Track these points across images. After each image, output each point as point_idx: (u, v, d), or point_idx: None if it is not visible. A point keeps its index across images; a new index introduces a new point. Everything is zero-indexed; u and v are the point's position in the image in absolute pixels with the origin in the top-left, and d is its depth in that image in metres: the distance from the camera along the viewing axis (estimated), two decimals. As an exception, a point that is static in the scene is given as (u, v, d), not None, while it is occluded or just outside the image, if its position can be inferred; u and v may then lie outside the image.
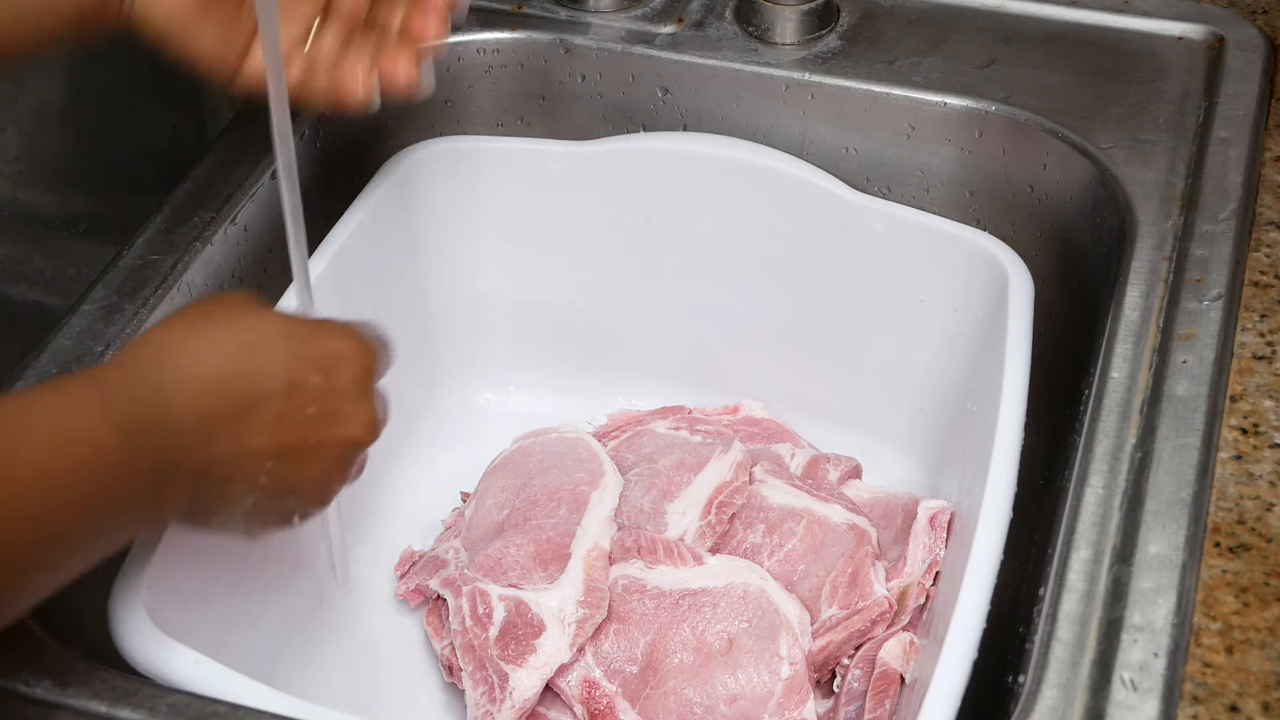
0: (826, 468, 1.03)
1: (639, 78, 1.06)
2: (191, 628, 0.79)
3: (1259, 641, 0.69)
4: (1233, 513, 0.74)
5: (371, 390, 0.73)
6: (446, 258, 1.08)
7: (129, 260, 0.91)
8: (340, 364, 0.71)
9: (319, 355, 0.70)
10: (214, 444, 0.66)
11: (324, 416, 0.70)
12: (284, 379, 0.68)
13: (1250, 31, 1.03)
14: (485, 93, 1.09)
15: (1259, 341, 0.83)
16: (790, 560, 0.95)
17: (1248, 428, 0.78)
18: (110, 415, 0.62)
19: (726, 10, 1.07)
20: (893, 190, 1.04)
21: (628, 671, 0.90)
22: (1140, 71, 1.01)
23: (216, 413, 0.66)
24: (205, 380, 0.66)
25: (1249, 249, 0.88)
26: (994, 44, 1.04)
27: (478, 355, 1.13)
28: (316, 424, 0.70)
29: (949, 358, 1.01)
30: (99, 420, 0.62)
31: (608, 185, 1.06)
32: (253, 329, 0.69)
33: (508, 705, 0.88)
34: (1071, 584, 0.72)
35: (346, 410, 0.71)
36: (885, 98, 1.01)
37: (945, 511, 0.94)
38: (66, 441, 0.61)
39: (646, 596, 0.92)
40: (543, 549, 0.94)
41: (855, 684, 0.89)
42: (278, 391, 0.68)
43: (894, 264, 1.01)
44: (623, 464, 1.01)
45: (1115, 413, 0.80)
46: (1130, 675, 0.68)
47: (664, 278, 1.09)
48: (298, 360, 0.69)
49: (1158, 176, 0.93)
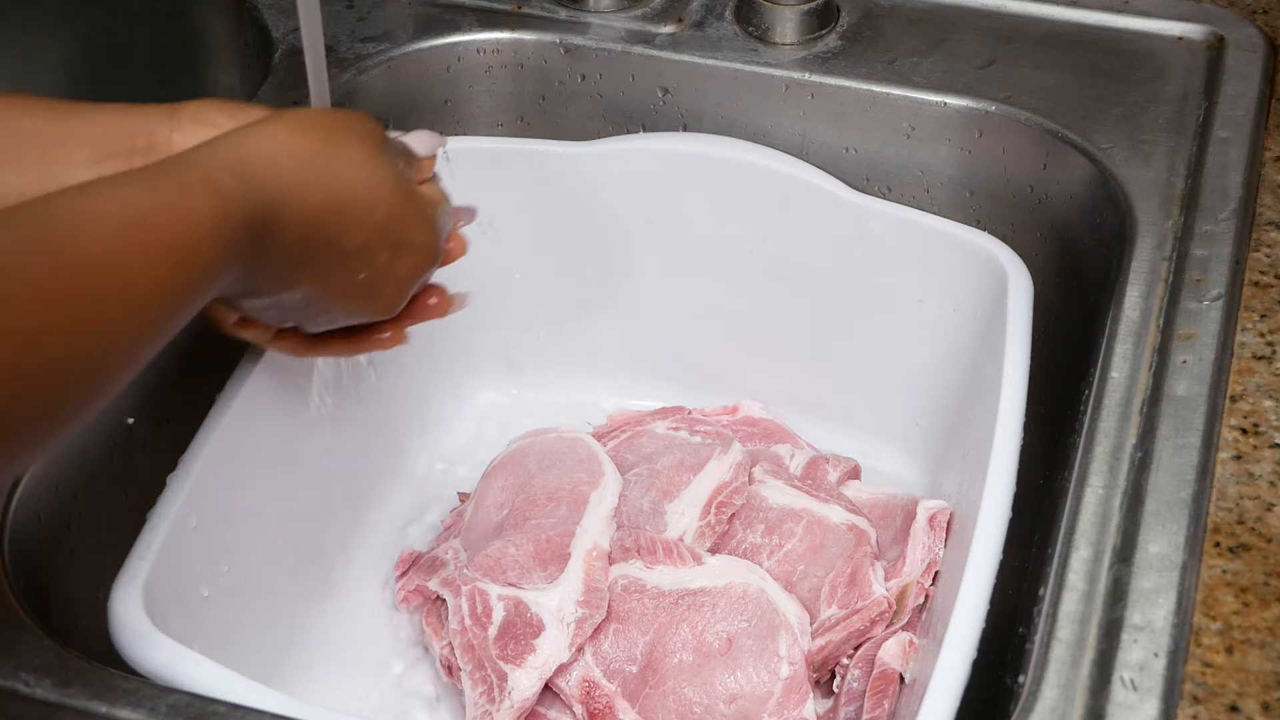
0: (826, 468, 1.03)
1: (639, 78, 1.06)
2: (191, 627, 0.79)
3: (1259, 641, 0.69)
4: (1233, 513, 0.74)
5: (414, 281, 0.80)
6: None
7: (129, 260, 0.91)
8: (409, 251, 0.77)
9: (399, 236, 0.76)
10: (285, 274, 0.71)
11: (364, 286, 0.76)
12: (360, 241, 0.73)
13: (1250, 31, 1.03)
14: (485, 93, 1.09)
15: (1259, 341, 0.83)
16: (789, 560, 0.95)
17: (1248, 428, 0.78)
18: (224, 230, 0.64)
19: (726, 10, 1.07)
20: (893, 190, 1.04)
21: (627, 671, 0.90)
22: (1140, 71, 1.01)
23: (293, 243, 0.70)
24: (305, 216, 0.69)
25: (1249, 249, 0.88)
26: (994, 44, 1.04)
27: (477, 355, 1.13)
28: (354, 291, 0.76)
29: (948, 358, 1.01)
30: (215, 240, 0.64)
31: (608, 185, 1.05)
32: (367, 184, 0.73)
33: (507, 705, 0.88)
34: (1071, 584, 0.72)
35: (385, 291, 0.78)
36: (885, 98, 1.01)
37: (944, 512, 0.94)
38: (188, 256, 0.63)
39: (646, 596, 0.92)
40: (542, 549, 0.94)
41: (854, 684, 0.89)
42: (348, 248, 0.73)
43: (894, 264, 1.01)
44: (622, 464, 1.01)
45: (1115, 413, 0.80)
46: (1130, 675, 0.68)
47: (664, 278, 1.09)
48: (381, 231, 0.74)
49: (1158, 176, 0.93)
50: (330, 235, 0.72)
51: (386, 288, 0.78)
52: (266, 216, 0.67)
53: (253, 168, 0.67)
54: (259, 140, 0.69)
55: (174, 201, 0.63)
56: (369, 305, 0.79)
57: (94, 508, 0.85)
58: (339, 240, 0.72)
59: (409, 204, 0.76)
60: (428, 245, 0.79)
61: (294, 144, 0.70)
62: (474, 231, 1.08)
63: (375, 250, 0.74)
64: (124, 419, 0.87)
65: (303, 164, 0.70)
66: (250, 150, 0.68)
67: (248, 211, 0.66)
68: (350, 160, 0.72)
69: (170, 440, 0.89)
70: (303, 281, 0.73)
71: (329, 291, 0.75)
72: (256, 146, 0.69)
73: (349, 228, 0.72)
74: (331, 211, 0.71)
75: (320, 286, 0.74)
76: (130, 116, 0.77)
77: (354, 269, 0.74)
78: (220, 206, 0.64)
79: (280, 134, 0.70)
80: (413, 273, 0.79)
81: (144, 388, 0.88)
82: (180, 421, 0.90)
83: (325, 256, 0.72)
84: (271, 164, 0.68)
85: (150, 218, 0.62)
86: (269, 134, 0.70)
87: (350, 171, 0.72)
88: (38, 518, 0.81)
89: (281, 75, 1.03)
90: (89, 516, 0.84)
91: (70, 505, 0.83)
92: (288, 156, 0.69)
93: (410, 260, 0.78)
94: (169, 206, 0.63)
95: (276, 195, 0.68)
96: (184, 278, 0.63)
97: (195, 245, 0.63)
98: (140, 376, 0.86)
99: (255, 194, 0.66)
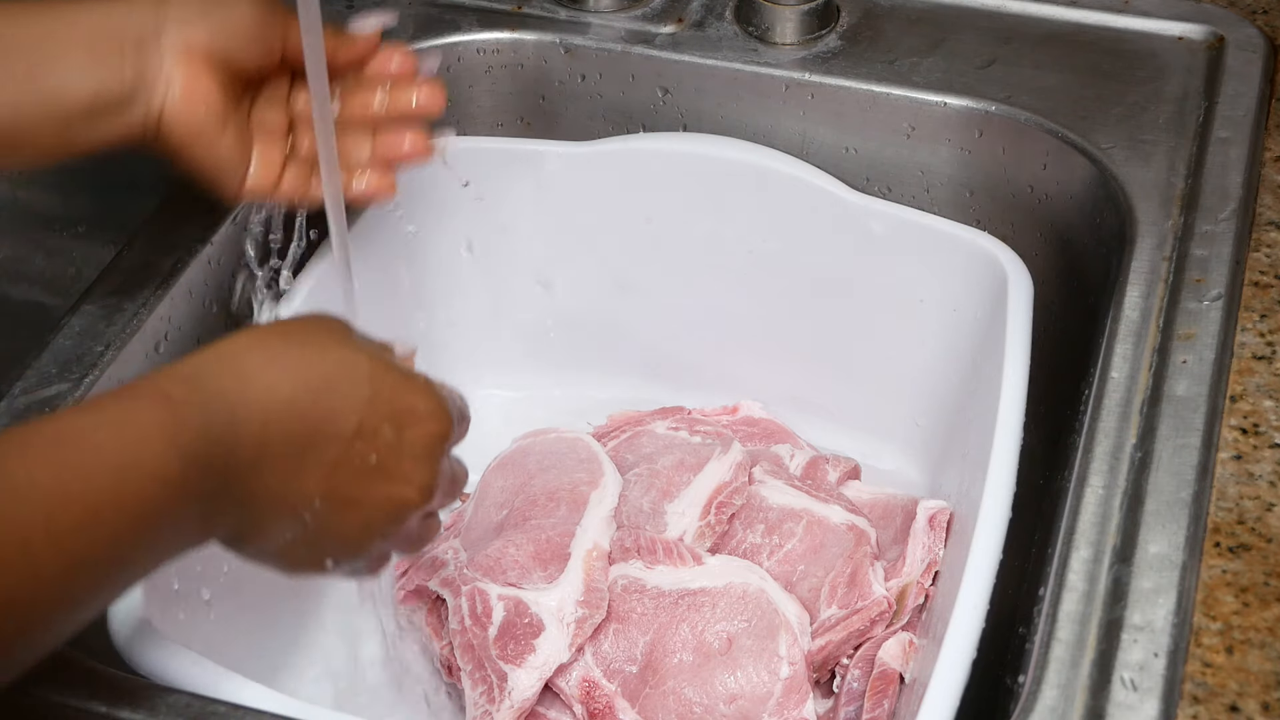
0: (826, 468, 1.03)
1: (639, 78, 1.06)
2: (191, 628, 0.79)
3: (1259, 641, 0.69)
4: (1233, 513, 0.74)
5: (438, 455, 0.71)
6: (446, 258, 1.08)
7: (129, 260, 0.91)
8: (415, 422, 0.69)
9: (396, 407, 0.68)
10: (268, 473, 0.64)
11: (382, 470, 0.68)
12: (354, 423, 0.66)
13: (1250, 31, 1.03)
14: (485, 93, 1.09)
15: (1259, 341, 0.83)
16: (789, 560, 0.95)
17: (1248, 428, 0.78)
18: (177, 438, 0.60)
19: (726, 10, 1.07)
20: (893, 190, 1.04)
21: (627, 671, 0.90)
22: (1140, 71, 1.01)
23: (279, 444, 0.64)
24: (276, 409, 0.64)
25: (1249, 249, 0.88)
26: (994, 44, 1.04)
27: (477, 355, 1.13)
28: (372, 475, 0.67)
29: (948, 358, 1.01)
30: (165, 445, 0.60)
31: (608, 185, 1.05)
32: (339, 363, 0.67)
33: (506, 705, 0.88)
34: (1071, 584, 0.72)
35: (405, 468, 0.69)
36: (885, 98, 1.01)
37: (944, 512, 0.94)
38: (132, 467, 0.59)
39: (646, 596, 0.92)
40: (542, 549, 0.94)
41: (854, 684, 0.89)
42: (344, 434, 0.66)
43: (893, 264, 1.01)
44: (622, 464, 1.01)
45: (1115, 413, 0.80)
46: (1130, 675, 0.68)
47: (664, 278, 1.09)
48: (374, 407, 0.67)
49: (1158, 176, 0.93)
50: (317, 423, 0.65)
51: (405, 465, 0.69)
52: (231, 418, 0.62)
53: (206, 372, 0.64)
54: (214, 349, 0.65)
55: (117, 416, 0.60)
56: (398, 492, 0.70)
57: (94, 508, 0.85)
58: (330, 426, 0.66)
59: (393, 374, 0.69)
60: (435, 411, 0.70)
61: (252, 344, 0.66)
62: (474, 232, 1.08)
63: (376, 427, 0.67)
64: (124, 419, 0.86)
65: (264, 359, 0.65)
66: (204, 357, 0.65)
67: (204, 419, 0.61)
68: (317, 346, 0.68)
69: (170, 440, 0.89)
70: (309, 488, 0.66)
71: (347, 489, 0.67)
72: (212, 354, 0.65)
73: (336, 410, 0.66)
74: (309, 397, 0.65)
75: (332, 484, 0.67)
76: (114, 15, 0.75)
77: (361, 453, 0.67)
78: (170, 414, 0.60)
79: (237, 340, 0.66)
80: (430, 442, 0.70)
81: (144, 388, 0.88)
82: (180, 421, 0.90)
83: (323, 450, 0.66)
84: (228, 366, 0.64)
85: (87, 435, 0.59)
86: (225, 343, 0.66)
87: (320, 355, 0.67)
88: (38, 518, 0.81)
89: (281, 75, 1.03)
90: (89, 516, 0.84)
91: (70, 505, 0.83)
92: (245, 356, 0.65)
93: (421, 431, 0.69)
94: (111, 422, 0.60)
95: (237, 395, 0.63)
96: (132, 500, 0.58)
97: (141, 460, 0.59)
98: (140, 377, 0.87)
99: (211, 400, 0.62)
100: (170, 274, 0.90)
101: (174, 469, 0.60)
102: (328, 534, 0.68)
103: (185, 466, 0.60)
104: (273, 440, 0.64)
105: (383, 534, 0.70)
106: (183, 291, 0.91)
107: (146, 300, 0.89)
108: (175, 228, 0.93)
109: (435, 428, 0.70)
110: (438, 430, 0.70)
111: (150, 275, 0.90)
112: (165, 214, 0.94)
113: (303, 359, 0.66)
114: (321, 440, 0.66)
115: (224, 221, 0.94)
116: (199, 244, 0.92)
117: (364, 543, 0.70)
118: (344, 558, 0.70)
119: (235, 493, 0.63)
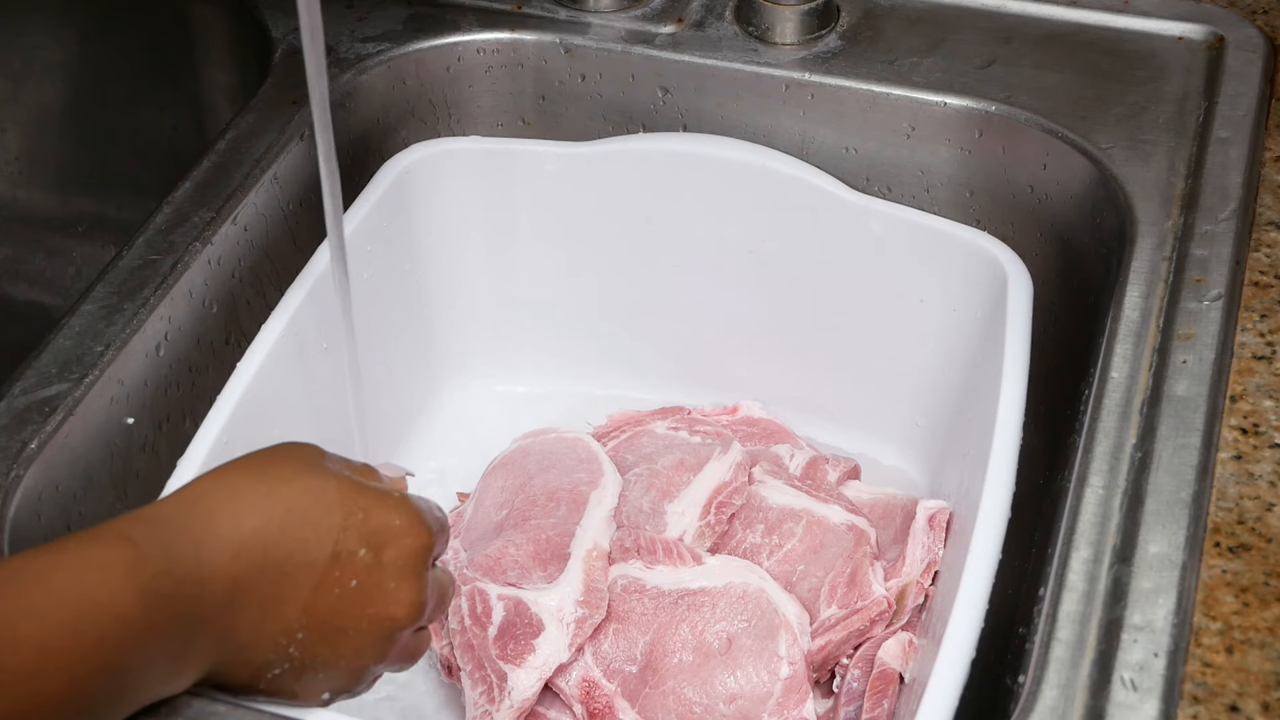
0: (826, 468, 1.03)
1: (639, 78, 1.06)
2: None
3: (1259, 641, 0.69)
4: (1233, 513, 0.74)
5: (421, 570, 0.69)
6: (446, 258, 1.08)
7: (129, 260, 0.91)
8: (393, 539, 0.67)
9: (371, 528, 0.67)
10: (244, 608, 0.63)
11: (364, 593, 0.66)
12: (328, 549, 0.65)
13: (1250, 31, 1.03)
14: (485, 93, 1.09)
15: (1259, 341, 0.83)
16: (789, 560, 0.95)
17: (1248, 428, 0.78)
18: (136, 577, 0.59)
19: (726, 10, 1.07)
20: (893, 190, 1.04)
21: (627, 671, 0.90)
22: (1140, 71, 1.01)
23: (252, 577, 0.63)
24: (242, 542, 0.63)
25: (1249, 249, 0.88)
26: (994, 44, 1.04)
27: (477, 356, 1.13)
28: (355, 599, 0.66)
29: (948, 358, 1.01)
30: (124, 584, 0.59)
31: (608, 186, 1.05)
32: (306, 491, 0.66)
33: (506, 705, 0.88)
34: (1071, 584, 0.72)
35: (389, 588, 0.67)
36: (885, 98, 1.01)
37: (944, 512, 0.94)
38: (89, 610, 0.58)
39: (646, 596, 0.92)
40: (542, 549, 0.94)
41: (854, 684, 0.89)
42: (319, 562, 0.65)
43: (893, 264, 1.01)
44: (622, 464, 1.01)
45: (1115, 413, 0.80)
46: (1130, 675, 0.68)
47: (664, 278, 1.09)
48: (346, 530, 0.66)
49: (1158, 176, 0.93)
50: (289, 553, 0.64)
51: (389, 585, 0.67)
52: (196, 555, 0.62)
53: (169, 515, 0.63)
54: (177, 494, 0.65)
55: (75, 558, 0.59)
56: (385, 612, 0.68)
57: (94, 508, 0.85)
58: (302, 554, 0.65)
59: (365, 495, 0.67)
60: (411, 526, 0.68)
61: (214, 484, 0.65)
62: (474, 232, 1.09)
63: (352, 550, 0.66)
64: (124, 419, 0.87)
65: (227, 496, 0.64)
66: (167, 502, 0.64)
67: (166, 558, 0.60)
68: (281, 477, 0.66)
69: (170, 441, 0.89)
70: (290, 618, 0.65)
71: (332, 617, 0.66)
72: (174, 498, 0.64)
73: (306, 539, 0.65)
74: (277, 528, 0.64)
75: (315, 613, 0.65)
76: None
77: (340, 579, 0.66)
78: (130, 553, 0.59)
79: (200, 483, 0.65)
80: (410, 559, 0.68)
81: (144, 388, 0.88)
82: (180, 422, 0.90)
83: (298, 579, 0.65)
84: (191, 507, 0.63)
85: (43, 577, 0.57)
86: (187, 487, 0.65)
87: (285, 486, 0.65)
88: (38, 518, 0.81)
89: (281, 75, 1.03)
90: (89, 517, 0.84)
91: (70, 505, 0.83)
92: (208, 496, 0.64)
93: (400, 548, 0.68)
94: (69, 564, 0.58)
95: (201, 532, 0.62)
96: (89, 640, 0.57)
97: (97, 599, 0.57)
98: (140, 377, 0.87)
99: (174, 540, 0.61)
100: (170, 274, 0.90)
101: (133, 608, 0.59)
102: (318, 664, 0.67)
103: (146, 606, 0.59)
104: (244, 573, 0.63)
105: (376, 657, 0.69)
106: (183, 291, 0.91)
107: (146, 300, 0.89)
108: (175, 228, 0.93)
109: (414, 543, 0.68)
110: (416, 545, 0.68)
111: (150, 275, 0.90)
112: (165, 214, 0.94)
113: (267, 492, 0.65)
114: (295, 570, 0.64)
115: (224, 221, 0.94)
116: (199, 244, 0.92)
117: (358, 669, 0.69)
118: (340, 686, 0.69)
119: (213, 629, 0.63)
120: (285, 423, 0.91)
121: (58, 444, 0.81)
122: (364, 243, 0.98)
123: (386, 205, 1.01)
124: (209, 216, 0.94)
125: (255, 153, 0.98)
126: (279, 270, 0.97)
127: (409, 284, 1.06)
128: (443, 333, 1.11)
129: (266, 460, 0.67)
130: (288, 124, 1.00)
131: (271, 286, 0.95)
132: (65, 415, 0.82)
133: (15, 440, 0.80)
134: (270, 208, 0.97)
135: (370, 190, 1.00)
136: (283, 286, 0.93)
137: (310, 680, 0.67)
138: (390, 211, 1.02)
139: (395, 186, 1.02)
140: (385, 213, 1.01)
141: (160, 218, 0.94)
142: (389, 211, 1.01)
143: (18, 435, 0.81)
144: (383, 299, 1.02)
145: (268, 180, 0.97)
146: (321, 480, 0.67)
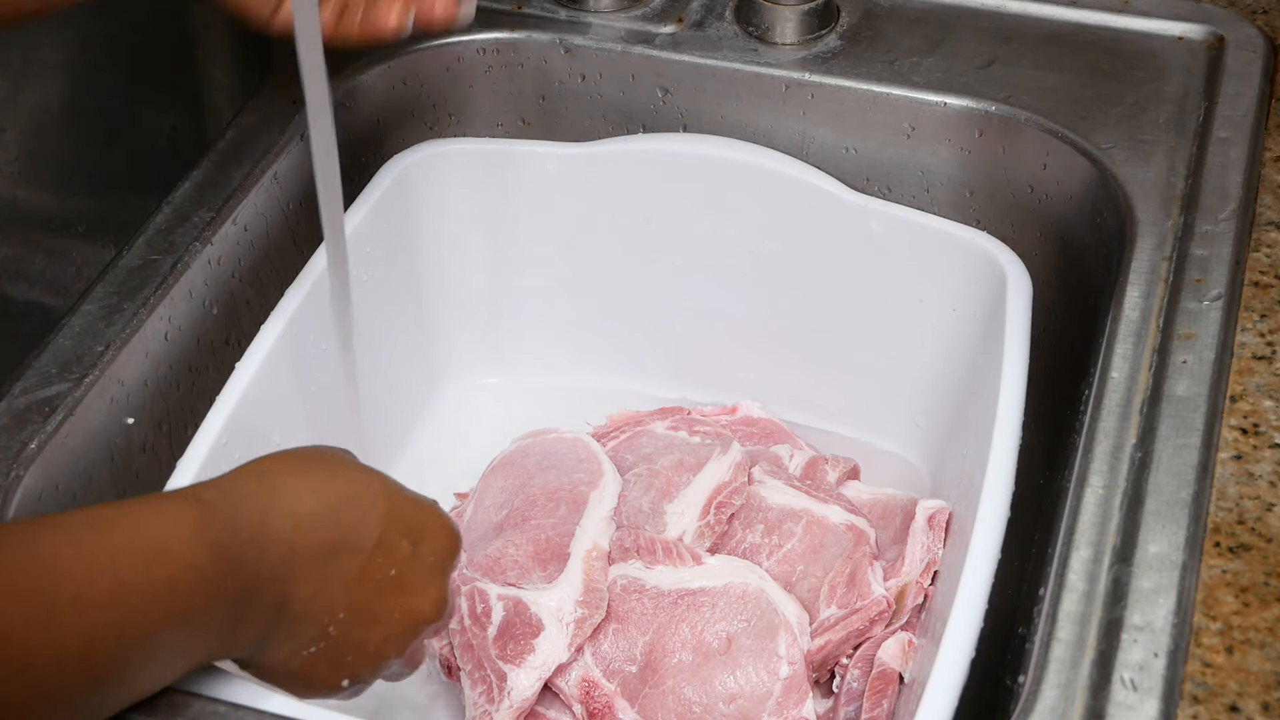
0: (825, 468, 1.03)
1: (639, 78, 1.06)
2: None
3: (1259, 641, 0.69)
4: (1233, 513, 0.74)
5: (449, 571, 0.72)
6: (446, 258, 1.08)
7: (129, 260, 0.91)
8: (428, 536, 0.71)
9: (411, 523, 0.70)
10: (298, 582, 0.66)
11: (400, 583, 0.70)
12: (374, 536, 0.68)
13: (1250, 31, 1.03)
14: (485, 93, 1.09)
15: (1259, 341, 0.83)
16: (789, 560, 0.95)
17: (1248, 428, 0.78)
18: (205, 531, 0.62)
19: (726, 10, 1.07)
20: (893, 190, 1.04)
21: (627, 671, 0.90)
22: (1140, 71, 1.01)
23: (307, 551, 0.66)
24: (303, 517, 0.66)
25: (1249, 249, 0.88)
26: (994, 44, 1.04)
27: (476, 356, 1.13)
28: (392, 588, 0.69)
29: (947, 358, 1.01)
30: (195, 536, 0.61)
31: (607, 186, 1.05)
32: (355, 481, 0.70)
33: (506, 705, 0.88)
34: (1071, 584, 0.72)
35: (421, 582, 0.71)
36: (885, 98, 1.01)
37: (943, 511, 0.94)
38: (160, 554, 0.60)
39: (645, 596, 0.92)
40: (541, 549, 0.94)
41: (854, 684, 0.89)
42: (367, 546, 0.68)
43: (893, 264, 1.01)
44: (621, 464, 1.01)
45: (1115, 413, 0.80)
46: (1130, 675, 0.68)
47: (664, 278, 1.09)
48: (390, 521, 0.69)
49: (1158, 176, 0.93)
50: (341, 534, 0.68)
51: (421, 578, 0.71)
52: (261, 518, 0.65)
53: (235, 483, 0.66)
54: (240, 468, 0.67)
55: (147, 508, 0.62)
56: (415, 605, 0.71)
57: (94, 508, 0.85)
58: (353, 538, 0.68)
59: (403, 492, 0.72)
60: (445, 526, 0.73)
61: (274, 463, 0.68)
62: (474, 232, 1.08)
63: (393, 541, 0.69)
64: (124, 419, 0.87)
65: (288, 474, 0.68)
66: (231, 474, 0.67)
67: (233, 517, 0.63)
68: (336, 466, 0.70)
69: (170, 441, 0.89)
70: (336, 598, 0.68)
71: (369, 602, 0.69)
72: (237, 472, 0.67)
73: (356, 524, 0.68)
74: (332, 510, 0.68)
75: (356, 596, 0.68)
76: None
77: (381, 566, 0.69)
78: (199, 510, 0.62)
79: (261, 460, 0.68)
80: (441, 556, 0.72)
81: (144, 388, 0.88)
82: (180, 422, 0.90)
83: (346, 561, 0.68)
84: (255, 479, 0.67)
85: (118, 522, 0.61)
86: (249, 464, 0.68)
87: (340, 474, 0.70)
88: (37, 518, 0.81)
89: (281, 75, 1.03)
90: (89, 516, 0.84)
91: (70, 505, 0.83)
92: (270, 472, 0.67)
93: (433, 545, 0.72)
94: (142, 512, 0.62)
95: (266, 500, 0.65)
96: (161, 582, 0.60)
97: (169, 546, 0.60)
98: (140, 377, 0.87)
99: (240, 502, 0.65)
100: (170, 274, 0.90)
101: (203, 558, 0.61)
102: (349, 647, 0.69)
103: (214, 558, 0.62)
104: (301, 546, 0.66)
105: (399, 648, 0.71)
106: (183, 291, 0.91)
107: (146, 300, 0.89)
108: (175, 228, 0.93)
109: (446, 542, 0.72)
110: (448, 545, 0.72)
111: (150, 275, 0.90)
112: (165, 214, 0.94)
113: (325, 477, 0.69)
114: (345, 551, 0.67)
115: (224, 221, 0.94)
116: (199, 244, 0.92)
117: (382, 657, 0.71)
118: (363, 673, 0.71)
119: (268, 597, 0.65)
120: (285, 423, 0.91)
121: (58, 444, 0.82)
122: (364, 243, 0.98)
123: (386, 205, 1.01)
124: (209, 216, 0.94)
125: (255, 153, 0.98)
126: (279, 270, 0.97)
127: (409, 284, 1.06)
128: (443, 333, 1.11)
129: (315, 453, 0.71)
130: (288, 124, 1.00)
131: (271, 286, 0.95)
132: (65, 415, 0.82)
133: (15, 440, 0.80)
134: (270, 208, 0.97)
135: (370, 190, 1.00)
136: (283, 286, 0.93)
137: (338, 664, 0.69)
138: (390, 212, 1.02)
139: (395, 187, 1.02)
140: (385, 213, 1.01)
141: (160, 218, 0.94)
142: (389, 212, 1.01)
143: (18, 435, 0.81)
144: (382, 299, 1.02)
145: (268, 180, 0.97)
146: (368, 474, 0.71)
